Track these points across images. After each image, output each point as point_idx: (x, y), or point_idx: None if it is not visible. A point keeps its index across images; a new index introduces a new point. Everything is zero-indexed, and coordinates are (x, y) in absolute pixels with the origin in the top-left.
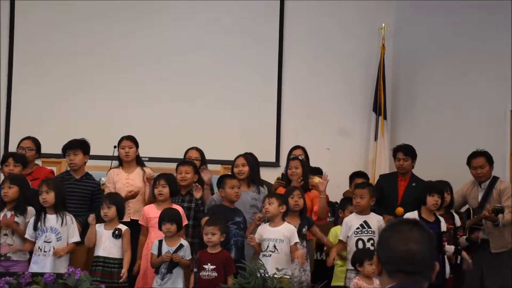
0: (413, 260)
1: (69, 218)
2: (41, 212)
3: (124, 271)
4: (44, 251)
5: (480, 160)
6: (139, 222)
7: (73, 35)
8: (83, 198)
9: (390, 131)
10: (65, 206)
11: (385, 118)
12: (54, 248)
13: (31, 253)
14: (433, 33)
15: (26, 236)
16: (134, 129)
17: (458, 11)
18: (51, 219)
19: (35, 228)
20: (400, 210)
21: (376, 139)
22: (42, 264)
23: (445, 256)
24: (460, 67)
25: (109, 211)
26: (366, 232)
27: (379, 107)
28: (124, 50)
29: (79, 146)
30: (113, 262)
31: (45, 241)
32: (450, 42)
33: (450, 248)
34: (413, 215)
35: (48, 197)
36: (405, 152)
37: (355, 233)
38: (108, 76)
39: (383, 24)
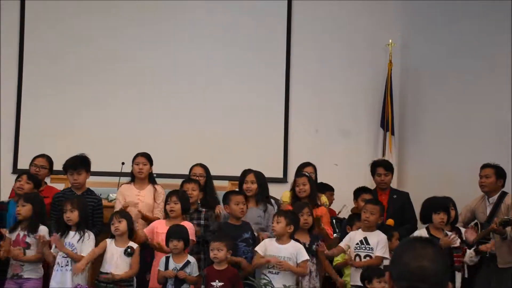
0: (425, 277)
1: (87, 235)
2: (64, 228)
3: (121, 276)
4: (61, 266)
5: (487, 170)
6: (144, 230)
7: (82, 49)
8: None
9: (398, 146)
10: (87, 224)
11: (392, 134)
12: (71, 264)
13: (45, 269)
14: (440, 49)
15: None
16: (140, 145)
17: (465, 28)
18: (71, 235)
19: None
20: (390, 221)
21: (384, 155)
22: (62, 279)
23: (455, 272)
24: (468, 82)
25: (120, 225)
26: (364, 248)
27: (386, 123)
28: (131, 66)
29: (83, 164)
30: (124, 280)
31: (63, 256)
32: (457, 58)
33: (471, 253)
34: (422, 232)
35: (72, 215)
36: (386, 167)
37: (355, 248)
38: (114, 92)
39: (390, 40)
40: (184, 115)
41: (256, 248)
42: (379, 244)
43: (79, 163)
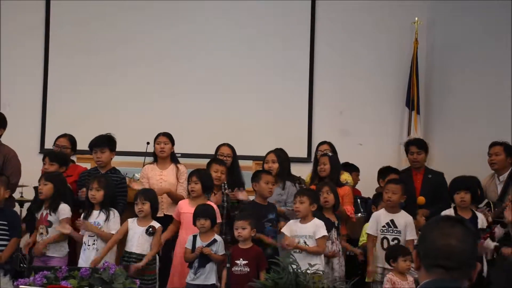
0: (451, 255)
1: (112, 213)
2: (88, 207)
3: (143, 262)
4: (88, 245)
5: (496, 148)
6: (173, 215)
7: (106, 31)
8: None
9: (423, 125)
10: (113, 203)
11: (418, 112)
12: (97, 243)
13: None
14: (466, 27)
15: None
16: (166, 125)
17: (493, 5)
18: (95, 214)
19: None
20: (421, 199)
21: (409, 134)
22: (88, 257)
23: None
24: (494, 61)
25: (144, 207)
26: (391, 231)
27: (412, 102)
28: (156, 46)
29: (106, 143)
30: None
31: (89, 236)
32: (483, 36)
33: (489, 244)
34: (449, 212)
35: (97, 194)
36: (419, 145)
37: (381, 230)
38: (140, 72)
39: (416, 18)
40: (209, 96)
41: (283, 230)
42: (407, 227)
43: (102, 142)
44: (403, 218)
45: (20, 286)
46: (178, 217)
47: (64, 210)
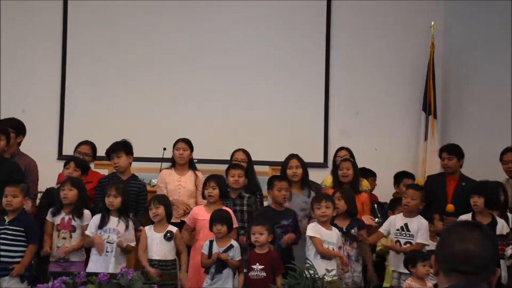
0: (469, 259)
1: (131, 223)
2: (105, 213)
3: (183, 269)
4: (107, 251)
5: (510, 155)
6: (186, 220)
7: (123, 37)
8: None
9: (440, 130)
10: (128, 211)
11: (435, 117)
12: (115, 250)
13: (87, 253)
14: (483, 30)
15: (87, 233)
16: (181, 130)
17: (510, 9)
18: (113, 221)
19: (100, 228)
20: (450, 206)
21: (426, 138)
22: (105, 264)
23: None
24: None
25: (158, 211)
26: (404, 235)
27: (429, 106)
28: (173, 52)
29: (121, 147)
30: (167, 265)
31: (107, 242)
32: (500, 40)
33: (507, 251)
34: (467, 217)
35: (115, 201)
36: (449, 151)
37: (395, 234)
38: (157, 79)
39: (433, 23)
40: (224, 101)
41: (311, 234)
42: (419, 230)
43: (117, 147)
44: (416, 222)
45: None
46: (193, 224)
47: (88, 216)
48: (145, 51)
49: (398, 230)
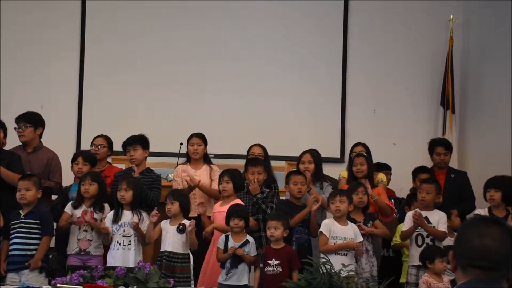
0: (487, 255)
1: (145, 215)
2: (118, 207)
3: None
4: (124, 245)
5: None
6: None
7: (140, 32)
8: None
9: (458, 125)
10: (141, 204)
11: (453, 112)
12: (134, 243)
13: (105, 247)
14: (502, 24)
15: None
16: (198, 125)
17: None
18: (127, 215)
19: (114, 222)
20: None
21: (444, 133)
22: (124, 258)
23: None
24: None
25: (172, 207)
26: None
27: (447, 101)
28: (188, 47)
29: (138, 141)
30: (177, 257)
31: (124, 236)
32: None
33: None
34: (483, 212)
35: (126, 195)
36: (446, 146)
37: (418, 228)
38: (173, 73)
39: (451, 16)
40: (241, 96)
41: (322, 229)
42: (440, 221)
43: (134, 140)
44: (437, 215)
45: (58, 285)
46: (212, 218)
47: (108, 209)
48: (163, 47)
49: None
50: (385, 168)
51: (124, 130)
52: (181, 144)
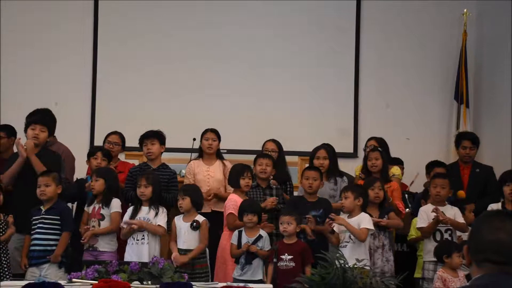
0: (501, 249)
1: (161, 209)
2: (137, 203)
3: (191, 256)
4: (137, 240)
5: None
6: (231, 211)
7: (153, 29)
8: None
9: (473, 119)
10: (160, 200)
11: (467, 106)
12: (147, 237)
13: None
14: None
15: (122, 225)
16: (211, 121)
17: None
18: (144, 211)
19: (132, 217)
20: (461, 193)
21: (458, 128)
22: (138, 251)
23: None
24: None
25: (184, 202)
26: (444, 223)
27: (461, 96)
28: (201, 43)
29: (156, 135)
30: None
31: (138, 230)
32: None
33: None
34: (496, 206)
35: (146, 191)
36: (473, 141)
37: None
38: (186, 69)
39: (465, 10)
40: (254, 92)
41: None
42: (456, 214)
43: (153, 134)
44: (451, 209)
45: (73, 279)
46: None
47: (116, 204)
48: (174, 45)
49: (434, 219)
50: (397, 163)
51: (136, 126)
52: (194, 139)
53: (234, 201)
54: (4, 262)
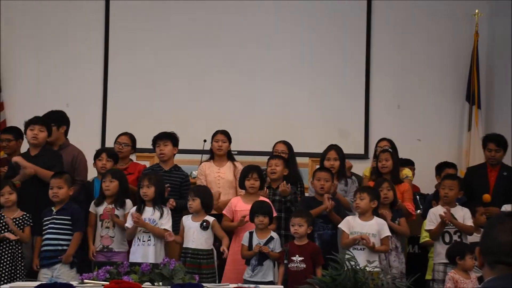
0: None
1: (166, 210)
2: (140, 204)
3: (223, 248)
4: (143, 241)
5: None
6: (223, 212)
7: (164, 29)
8: (172, 189)
9: (484, 120)
10: (163, 200)
11: (479, 107)
12: (153, 239)
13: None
14: None
15: (126, 225)
16: (222, 122)
17: None
18: (148, 211)
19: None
20: (487, 196)
21: (469, 129)
22: (143, 253)
23: None
24: None
25: (193, 203)
26: (451, 224)
27: (472, 97)
28: (212, 46)
29: (169, 137)
30: (202, 254)
31: (144, 232)
32: None
33: None
34: (510, 207)
35: (148, 191)
36: (498, 143)
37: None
38: (197, 71)
39: (477, 10)
40: (265, 93)
41: (340, 225)
42: (465, 216)
43: (166, 135)
44: (460, 211)
45: (85, 280)
46: (231, 214)
47: (130, 205)
48: (186, 46)
49: (441, 221)
50: (408, 164)
51: (147, 127)
52: (205, 141)
53: (231, 203)
54: (19, 265)
